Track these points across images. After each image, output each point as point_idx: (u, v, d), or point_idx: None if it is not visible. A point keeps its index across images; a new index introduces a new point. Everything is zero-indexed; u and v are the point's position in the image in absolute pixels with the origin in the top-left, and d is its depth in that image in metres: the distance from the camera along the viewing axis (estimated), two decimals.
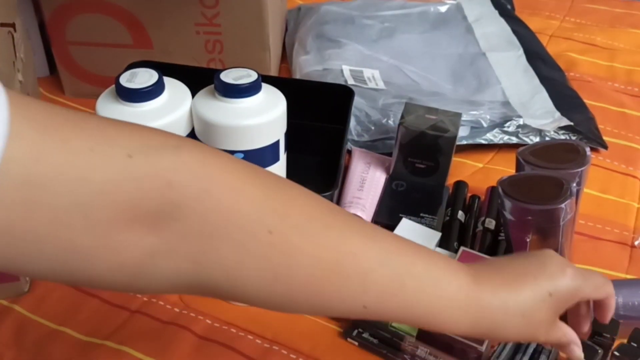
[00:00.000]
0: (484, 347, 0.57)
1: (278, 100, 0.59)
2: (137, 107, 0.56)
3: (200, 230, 0.35)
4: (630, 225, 0.75)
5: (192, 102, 0.58)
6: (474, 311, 0.42)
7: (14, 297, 0.66)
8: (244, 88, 0.56)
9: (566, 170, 0.64)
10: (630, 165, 0.84)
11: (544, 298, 0.44)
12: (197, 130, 0.59)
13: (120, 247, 0.33)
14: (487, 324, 0.43)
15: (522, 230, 0.61)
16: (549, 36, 1.10)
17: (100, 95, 0.58)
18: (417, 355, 0.59)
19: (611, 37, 1.09)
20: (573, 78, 0.99)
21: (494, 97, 0.91)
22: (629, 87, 0.98)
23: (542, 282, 0.44)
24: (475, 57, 0.99)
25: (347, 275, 0.39)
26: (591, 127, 0.87)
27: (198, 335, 0.62)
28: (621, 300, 0.60)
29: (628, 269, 0.70)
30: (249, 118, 0.56)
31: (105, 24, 0.85)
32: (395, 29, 1.04)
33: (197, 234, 0.34)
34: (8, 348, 0.61)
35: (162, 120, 0.56)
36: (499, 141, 0.84)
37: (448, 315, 0.42)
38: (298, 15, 1.08)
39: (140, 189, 0.33)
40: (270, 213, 0.36)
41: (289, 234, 0.37)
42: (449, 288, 0.42)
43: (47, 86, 0.94)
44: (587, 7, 1.19)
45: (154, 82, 0.56)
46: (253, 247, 0.36)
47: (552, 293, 0.44)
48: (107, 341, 0.61)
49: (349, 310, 0.41)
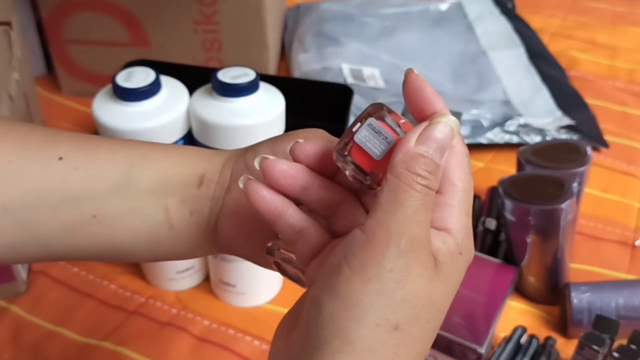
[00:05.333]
0: (483, 348, 0.56)
1: (276, 99, 0.58)
2: (134, 107, 0.56)
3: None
4: (631, 225, 0.75)
5: (189, 101, 0.58)
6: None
7: (11, 297, 0.66)
8: (241, 87, 0.56)
9: (567, 170, 0.64)
10: (632, 165, 0.83)
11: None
12: (195, 130, 0.58)
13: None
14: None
15: (523, 230, 0.61)
16: (550, 35, 1.09)
17: (97, 95, 0.57)
18: None
19: (612, 35, 1.09)
20: (574, 77, 0.98)
21: (495, 96, 0.90)
22: (630, 86, 0.98)
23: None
24: (476, 56, 0.98)
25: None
26: (592, 126, 0.87)
27: (195, 337, 0.61)
28: (622, 300, 0.60)
29: (629, 269, 0.69)
30: (247, 117, 0.56)
31: (103, 22, 0.85)
32: (395, 27, 1.04)
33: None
34: (5, 349, 0.61)
35: (159, 120, 0.56)
36: (500, 140, 0.84)
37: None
38: (297, 14, 1.07)
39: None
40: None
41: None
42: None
43: (45, 85, 0.93)
44: (589, 5, 1.18)
45: (151, 82, 0.56)
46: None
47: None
48: (105, 342, 0.61)
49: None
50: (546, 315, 0.64)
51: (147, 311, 0.64)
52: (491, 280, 0.63)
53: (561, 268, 0.63)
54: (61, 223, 0.35)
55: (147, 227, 0.36)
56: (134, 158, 0.36)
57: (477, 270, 0.64)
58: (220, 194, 0.36)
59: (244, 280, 0.63)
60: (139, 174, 0.36)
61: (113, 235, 0.36)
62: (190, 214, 0.36)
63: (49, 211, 0.35)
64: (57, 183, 0.35)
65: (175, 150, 0.38)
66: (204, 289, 0.67)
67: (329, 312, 0.27)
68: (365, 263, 0.27)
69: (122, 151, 0.36)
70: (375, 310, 0.27)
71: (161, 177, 0.36)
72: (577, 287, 0.61)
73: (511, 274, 0.64)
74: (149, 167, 0.36)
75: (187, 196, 0.36)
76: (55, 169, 0.35)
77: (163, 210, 0.36)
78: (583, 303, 0.60)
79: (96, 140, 0.37)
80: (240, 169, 0.36)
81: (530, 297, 0.65)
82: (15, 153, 0.34)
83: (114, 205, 0.36)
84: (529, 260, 0.63)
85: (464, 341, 0.57)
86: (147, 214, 0.36)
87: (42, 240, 0.36)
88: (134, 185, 0.36)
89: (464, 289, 0.61)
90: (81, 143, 0.36)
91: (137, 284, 0.67)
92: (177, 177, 0.36)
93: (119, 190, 0.36)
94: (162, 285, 0.66)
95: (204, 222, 0.36)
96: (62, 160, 0.35)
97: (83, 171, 0.35)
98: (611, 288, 0.61)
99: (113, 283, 0.67)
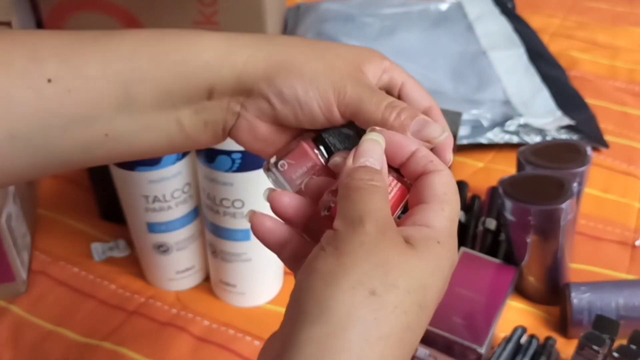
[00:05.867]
0: (483, 348, 0.56)
1: None
2: None
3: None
4: (631, 225, 0.75)
5: None
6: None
7: (11, 297, 0.66)
8: None
9: (567, 170, 0.64)
10: (632, 165, 0.83)
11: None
12: None
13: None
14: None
15: (523, 230, 0.61)
16: (550, 35, 1.09)
17: None
18: (417, 356, 0.59)
19: (613, 35, 1.09)
20: (574, 77, 0.98)
21: (495, 96, 0.90)
22: (630, 86, 0.98)
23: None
24: (476, 56, 0.98)
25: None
26: (592, 126, 0.87)
27: (195, 337, 0.61)
28: (622, 300, 0.60)
29: (629, 269, 0.69)
30: None
31: (103, 22, 0.85)
32: (395, 28, 1.04)
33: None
34: (5, 349, 0.61)
35: None
36: (500, 140, 0.84)
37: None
38: (297, 14, 1.07)
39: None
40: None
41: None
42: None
43: None
44: (589, 5, 1.18)
45: None
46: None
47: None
48: (105, 342, 0.61)
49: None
50: (546, 315, 0.64)
51: (147, 311, 0.64)
52: (491, 280, 0.63)
53: (561, 268, 0.63)
54: (74, 144, 0.34)
55: (164, 139, 0.36)
56: (127, 73, 0.34)
57: (477, 270, 0.64)
58: (235, 108, 0.36)
59: (244, 280, 0.63)
60: (138, 91, 0.35)
61: (130, 149, 0.36)
62: (205, 125, 0.36)
63: (59, 134, 0.34)
64: (55, 107, 0.33)
65: (170, 58, 0.35)
66: (204, 289, 0.67)
67: (307, 286, 0.28)
68: (338, 245, 0.29)
69: (112, 65, 0.34)
70: (350, 275, 0.28)
71: (162, 91, 0.35)
72: (577, 287, 0.61)
73: (511, 274, 0.64)
74: (147, 82, 0.35)
75: (199, 107, 0.36)
76: (48, 93, 0.33)
77: (176, 124, 0.36)
78: (583, 303, 0.60)
79: (80, 50, 0.35)
80: (262, 88, 0.35)
81: (530, 297, 0.65)
82: (2, 80, 0.33)
83: (122, 123, 0.35)
84: (529, 260, 0.63)
85: (464, 341, 0.57)
86: (160, 129, 0.36)
87: (59, 160, 0.35)
88: (136, 103, 0.35)
89: (464, 289, 0.61)
90: (66, 57, 0.34)
91: (137, 284, 0.67)
92: (181, 91, 0.35)
93: (123, 109, 0.35)
94: (162, 285, 0.66)
95: (220, 131, 0.37)
96: (53, 83, 0.33)
97: (77, 93, 0.34)
98: (611, 288, 0.61)
99: (113, 283, 0.67)
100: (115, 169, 0.58)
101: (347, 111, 0.35)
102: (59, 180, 0.80)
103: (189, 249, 0.64)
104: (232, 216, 0.58)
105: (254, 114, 0.36)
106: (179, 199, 0.60)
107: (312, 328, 0.27)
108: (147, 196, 0.58)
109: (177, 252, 0.63)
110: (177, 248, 0.63)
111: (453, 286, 0.62)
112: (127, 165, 0.57)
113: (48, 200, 0.78)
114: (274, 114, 0.36)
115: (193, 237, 0.64)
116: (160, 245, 0.62)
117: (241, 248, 0.60)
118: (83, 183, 0.79)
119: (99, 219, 0.75)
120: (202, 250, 0.65)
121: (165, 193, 0.59)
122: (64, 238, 0.72)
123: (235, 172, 0.55)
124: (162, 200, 0.59)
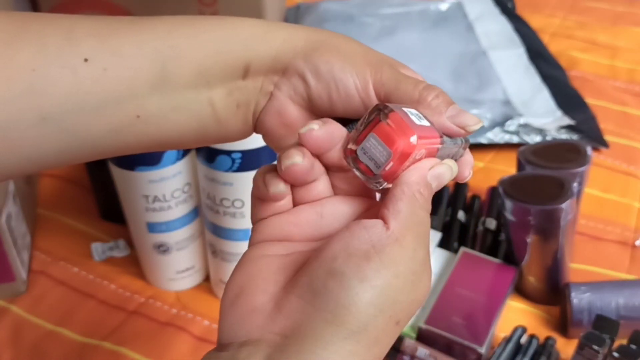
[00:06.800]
0: (483, 348, 0.56)
1: None
2: None
3: None
4: (631, 225, 0.75)
5: None
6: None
7: (11, 297, 0.66)
8: None
9: (567, 170, 0.64)
10: (632, 165, 0.83)
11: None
12: None
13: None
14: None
15: (523, 230, 0.61)
16: (550, 35, 1.09)
17: None
18: (417, 356, 0.59)
19: (613, 35, 1.09)
20: (574, 77, 0.98)
21: (495, 95, 0.90)
22: (630, 86, 0.98)
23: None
24: (476, 56, 0.98)
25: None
26: (592, 126, 0.87)
27: (195, 337, 0.61)
28: (622, 300, 0.60)
29: (629, 269, 0.69)
30: None
31: None
32: (395, 28, 1.04)
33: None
34: (5, 348, 0.61)
35: None
36: (500, 140, 0.84)
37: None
38: (297, 14, 1.07)
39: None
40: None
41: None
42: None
43: None
44: (589, 5, 1.18)
45: None
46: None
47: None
48: (105, 342, 0.61)
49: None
50: (546, 315, 0.64)
51: (147, 311, 0.64)
52: (491, 280, 0.63)
53: (561, 268, 0.63)
54: (105, 126, 0.34)
55: (194, 122, 0.36)
56: (164, 50, 0.34)
57: (477, 270, 0.64)
58: (269, 87, 0.35)
59: None
60: (175, 68, 0.34)
61: (160, 132, 0.35)
62: (237, 107, 0.36)
63: (90, 115, 0.33)
64: (89, 87, 0.33)
65: (207, 36, 0.35)
66: (204, 289, 0.67)
67: (355, 293, 0.28)
68: (396, 260, 0.29)
69: (149, 43, 0.34)
70: (395, 305, 0.29)
71: (198, 69, 0.34)
72: (577, 287, 0.61)
73: (511, 274, 0.64)
74: (184, 59, 0.34)
75: (233, 88, 0.35)
76: (83, 72, 0.33)
77: (208, 104, 0.35)
78: (583, 303, 0.60)
79: (117, 31, 0.34)
80: (300, 67, 0.35)
81: (530, 297, 0.65)
82: (37, 59, 0.32)
83: (155, 103, 0.34)
84: (529, 260, 0.63)
85: (464, 341, 0.57)
86: (192, 109, 0.35)
87: (89, 143, 0.35)
88: (172, 81, 0.34)
89: (464, 289, 0.61)
90: (102, 37, 0.34)
91: (137, 284, 0.67)
92: (218, 66, 0.35)
93: (157, 88, 0.34)
94: (162, 285, 0.66)
95: (250, 115, 0.36)
96: (89, 62, 0.33)
97: (113, 72, 0.33)
98: (611, 288, 0.61)
99: (113, 283, 0.67)
100: (115, 168, 0.58)
101: (383, 91, 0.34)
102: (59, 179, 0.80)
103: (189, 249, 0.64)
104: (232, 216, 0.58)
105: (287, 94, 0.35)
106: (179, 198, 0.60)
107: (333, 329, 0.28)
108: (147, 196, 0.58)
109: (177, 252, 0.63)
110: (177, 248, 0.63)
111: (453, 286, 0.62)
112: (127, 165, 0.57)
113: (48, 200, 0.78)
114: (307, 94, 0.35)
115: (193, 237, 0.64)
116: (160, 245, 0.62)
117: (241, 248, 0.60)
118: (83, 183, 0.79)
119: (98, 219, 0.75)
120: (202, 250, 0.65)
121: (165, 193, 0.59)
122: (64, 238, 0.72)
123: (235, 172, 0.55)
124: (162, 200, 0.59)
